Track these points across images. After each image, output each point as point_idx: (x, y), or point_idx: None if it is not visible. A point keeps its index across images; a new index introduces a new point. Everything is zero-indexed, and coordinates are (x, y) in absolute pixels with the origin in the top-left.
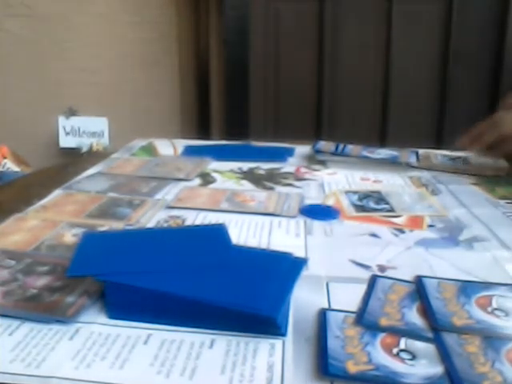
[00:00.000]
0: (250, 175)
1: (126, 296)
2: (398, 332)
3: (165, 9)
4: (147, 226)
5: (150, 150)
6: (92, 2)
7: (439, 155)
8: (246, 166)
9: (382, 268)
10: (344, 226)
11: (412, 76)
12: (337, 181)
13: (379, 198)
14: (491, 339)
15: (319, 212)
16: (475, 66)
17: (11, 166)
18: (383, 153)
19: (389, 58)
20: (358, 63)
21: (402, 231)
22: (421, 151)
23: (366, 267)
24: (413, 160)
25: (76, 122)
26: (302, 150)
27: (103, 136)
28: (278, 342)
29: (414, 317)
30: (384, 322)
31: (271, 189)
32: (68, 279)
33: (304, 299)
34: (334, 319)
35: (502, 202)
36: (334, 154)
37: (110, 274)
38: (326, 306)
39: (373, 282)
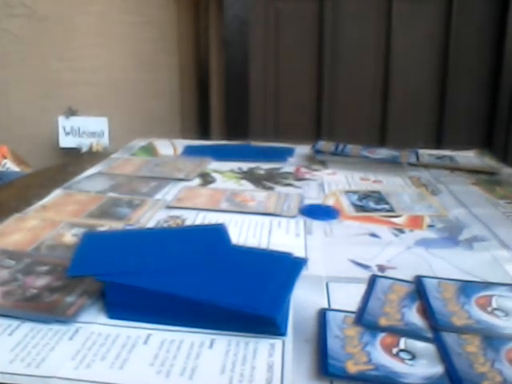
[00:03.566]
0: (249, 175)
1: (126, 296)
2: (397, 332)
3: (165, 9)
4: (147, 226)
5: (149, 150)
6: (92, 2)
7: (425, 155)
8: (245, 166)
9: (381, 268)
10: (344, 225)
11: (412, 76)
12: (337, 181)
13: (379, 198)
14: (491, 339)
15: (319, 212)
16: (475, 65)
17: (11, 166)
18: (383, 153)
19: (389, 58)
20: (358, 63)
21: (401, 231)
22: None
23: (366, 267)
24: (413, 160)
25: (76, 122)
26: (302, 150)
27: (103, 136)
28: (277, 342)
29: (414, 317)
30: (384, 321)
31: (271, 189)
32: (68, 279)
33: (304, 299)
34: (333, 319)
35: (502, 202)
36: (334, 154)
37: (110, 274)
38: (326, 306)
39: (372, 281)
